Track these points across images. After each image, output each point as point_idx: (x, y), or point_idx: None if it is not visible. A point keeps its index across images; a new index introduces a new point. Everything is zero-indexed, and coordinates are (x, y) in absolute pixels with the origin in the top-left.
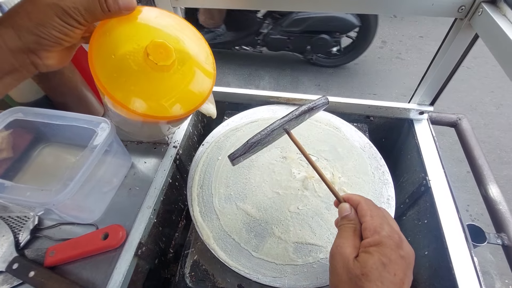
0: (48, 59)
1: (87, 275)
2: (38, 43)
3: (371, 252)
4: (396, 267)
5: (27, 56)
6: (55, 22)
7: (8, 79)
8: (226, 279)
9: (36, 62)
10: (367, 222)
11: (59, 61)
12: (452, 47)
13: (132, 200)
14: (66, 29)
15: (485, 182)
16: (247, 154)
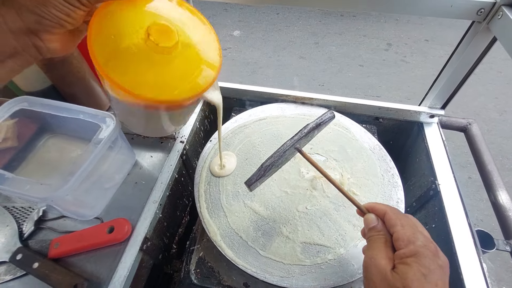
0: (51, 42)
1: (91, 268)
2: (39, 23)
3: (409, 263)
4: (436, 277)
5: (29, 38)
6: (56, 1)
7: (10, 63)
8: (231, 277)
9: (38, 45)
10: (399, 232)
11: (63, 46)
12: (468, 50)
13: (137, 194)
14: (68, 9)
15: (495, 188)
16: (263, 178)
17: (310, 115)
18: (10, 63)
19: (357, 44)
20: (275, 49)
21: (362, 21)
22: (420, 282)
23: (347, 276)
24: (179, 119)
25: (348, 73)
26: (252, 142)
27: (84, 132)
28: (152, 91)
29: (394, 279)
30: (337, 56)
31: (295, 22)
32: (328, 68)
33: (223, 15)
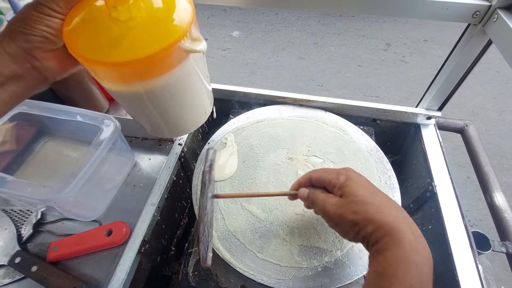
0: (47, 60)
1: (90, 271)
2: (27, 41)
3: (348, 184)
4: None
5: (28, 61)
6: (33, 16)
7: (12, 87)
8: (229, 279)
9: (37, 66)
10: (326, 178)
11: (61, 65)
12: (464, 52)
13: (136, 197)
14: (45, 20)
15: (491, 190)
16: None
17: (308, 117)
18: (12, 86)
19: (356, 45)
20: (274, 50)
21: (361, 22)
22: (362, 187)
23: (343, 278)
24: (182, 98)
25: (347, 73)
26: (250, 144)
27: (82, 135)
28: (122, 54)
29: (346, 201)
30: (336, 57)
31: (294, 23)
32: (327, 68)
33: (222, 16)
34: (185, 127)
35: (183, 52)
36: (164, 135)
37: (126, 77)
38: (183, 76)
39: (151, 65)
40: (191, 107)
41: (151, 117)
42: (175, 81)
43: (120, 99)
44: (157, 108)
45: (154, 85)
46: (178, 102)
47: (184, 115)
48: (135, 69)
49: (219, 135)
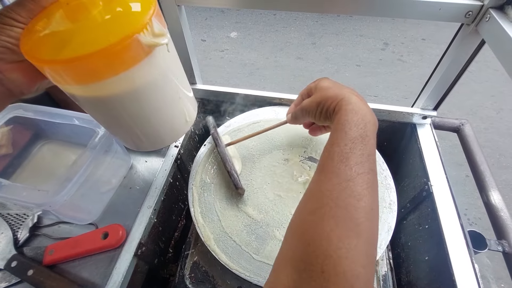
0: (10, 72)
1: (86, 274)
2: None
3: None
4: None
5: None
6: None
7: None
8: (226, 281)
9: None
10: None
11: (27, 77)
12: (457, 52)
13: (132, 199)
14: (6, 30)
15: (487, 189)
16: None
17: None
18: None
19: (354, 44)
20: (272, 50)
21: (358, 21)
22: (327, 81)
23: None
24: (155, 103)
25: (345, 73)
26: (246, 145)
27: (78, 138)
28: (74, 50)
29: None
30: (334, 56)
31: (292, 23)
32: (326, 68)
33: (220, 17)
34: (164, 137)
35: (143, 47)
36: (142, 147)
37: (84, 77)
38: (150, 74)
39: (108, 61)
40: (167, 114)
41: (124, 127)
42: (140, 80)
43: (90, 108)
44: (127, 113)
45: (117, 86)
46: (151, 107)
47: (161, 122)
48: (90, 66)
49: None
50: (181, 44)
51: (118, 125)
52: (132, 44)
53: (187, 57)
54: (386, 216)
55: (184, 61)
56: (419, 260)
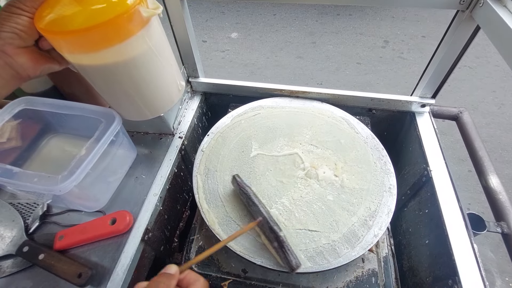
0: (18, 56)
1: (96, 258)
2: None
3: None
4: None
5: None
6: (3, 15)
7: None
8: (230, 264)
9: (9, 62)
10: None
11: (33, 61)
12: (454, 39)
13: (138, 188)
14: (14, 17)
15: (486, 173)
16: (238, 189)
17: (304, 108)
18: None
19: (354, 42)
20: (272, 50)
21: (358, 20)
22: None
23: (341, 259)
24: (154, 66)
25: (345, 71)
26: (248, 135)
27: (86, 130)
28: (89, 20)
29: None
30: (335, 55)
31: (292, 23)
32: (326, 67)
33: (220, 18)
34: (161, 103)
35: (143, 17)
36: (143, 115)
37: (97, 44)
38: (147, 42)
39: (117, 28)
40: (163, 80)
41: (126, 95)
42: (141, 47)
43: (96, 78)
44: (131, 80)
45: (122, 52)
46: (150, 73)
47: (158, 88)
48: (103, 33)
49: (218, 127)
50: (184, 39)
51: (122, 94)
52: (134, 13)
53: (190, 51)
54: (386, 199)
55: (187, 55)
56: (419, 244)
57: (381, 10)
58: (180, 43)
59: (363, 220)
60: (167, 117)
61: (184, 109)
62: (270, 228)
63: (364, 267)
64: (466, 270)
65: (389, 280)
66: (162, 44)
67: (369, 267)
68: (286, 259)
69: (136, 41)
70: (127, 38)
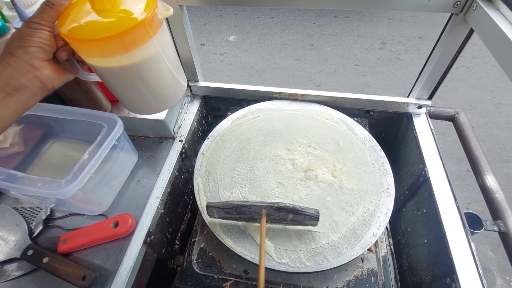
0: (44, 68)
1: (99, 261)
2: (26, 52)
3: None
4: None
5: (28, 71)
6: (27, 32)
7: (18, 95)
8: (232, 265)
9: (37, 75)
10: None
11: (56, 73)
12: (448, 41)
13: (140, 191)
14: (37, 32)
15: (482, 172)
16: (221, 212)
17: (303, 110)
18: (18, 95)
19: (351, 44)
20: (271, 53)
21: (355, 22)
22: None
23: (340, 259)
24: (167, 63)
25: (343, 73)
26: (248, 138)
27: (87, 135)
28: (107, 31)
29: None
30: (333, 57)
31: (290, 25)
32: (324, 69)
33: (218, 21)
34: (172, 96)
35: (159, 19)
36: (154, 109)
37: (126, 46)
38: (163, 41)
39: (143, 30)
40: (174, 75)
41: (141, 92)
42: (159, 45)
43: (117, 79)
44: (150, 76)
45: (144, 52)
46: (165, 68)
47: (171, 82)
48: (132, 36)
49: (218, 130)
50: (184, 44)
51: (134, 91)
52: (154, 16)
53: (190, 56)
54: (384, 199)
55: (186, 60)
56: (418, 244)
57: (378, 12)
58: (180, 48)
59: (362, 220)
60: (168, 121)
61: (184, 113)
62: (278, 209)
63: (363, 266)
64: (464, 268)
65: (388, 279)
66: (171, 44)
67: (368, 267)
68: (307, 215)
69: (155, 40)
70: (149, 39)
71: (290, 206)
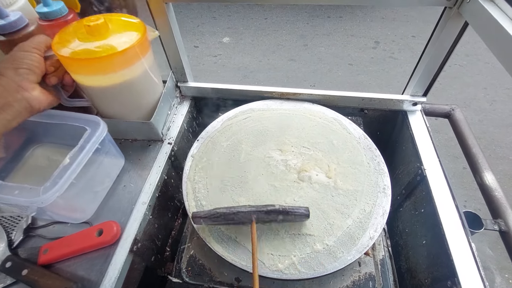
0: (33, 90)
1: (82, 272)
2: (17, 74)
3: None
4: None
5: (17, 91)
6: (19, 54)
7: (3, 114)
8: (223, 273)
9: (26, 96)
10: None
11: (44, 96)
12: (442, 35)
13: (126, 197)
14: (28, 55)
15: (480, 170)
16: (209, 221)
17: (295, 109)
18: (2, 114)
19: (345, 44)
20: (265, 53)
21: (349, 21)
22: None
23: (336, 264)
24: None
25: (338, 72)
26: (239, 139)
27: (71, 138)
28: (104, 51)
29: None
30: (326, 57)
31: (283, 26)
32: (318, 68)
33: (212, 23)
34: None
35: (148, 40)
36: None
37: (120, 64)
38: (151, 58)
39: (139, 49)
40: (157, 83)
41: (123, 104)
42: (148, 62)
43: (108, 95)
44: (137, 91)
45: (139, 68)
46: (143, 88)
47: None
48: (128, 55)
49: (208, 132)
50: (171, 42)
51: (119, 104)
52: (145, 38)
53: (178, 56)
54: (381, 200)
55: (175, 60)
56: (416, 245)
57: (371, 12)
58: (167, 47)
59: (358, 223)
60: (155, 123)
61: (173, 115)
62: (266, 212)
63: (360, 271)
64: (465, 270)
65: (387, 283)
66: (155, 65)
67: (366, 271)
68: (298, 215)
69: (146, 59)
70: (143, 56)
71: (279, 209)
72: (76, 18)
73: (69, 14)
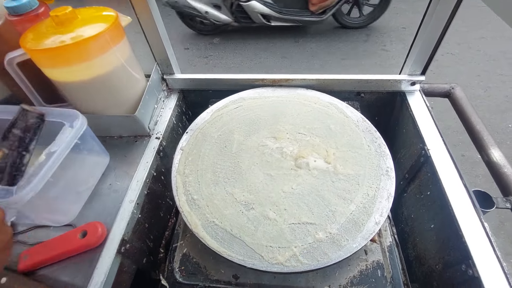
0: None
1: (66, 278)
2: None
3: None
4: None
5: None
6: None
7: None
8: (219, 270)
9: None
10: None
11: None
12: (439, 8)
13: (112, 196)
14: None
15: (486, 147)
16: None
17: (289, 96)
18: None
19: (336, 38)
20: (256, 52)
21: None
22: None
23: (341, 252)
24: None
25: (331, 67)
26: (230, 129)
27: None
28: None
29: None
30: (318, 52)
31: None
32: (311, 65)
33: None
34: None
35: (121, 30)
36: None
37: (95, 51)
38: (128, 48)
39: (113, 34)
40: (136, 73)
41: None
42: (125, 52)
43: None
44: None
45: (101, 64)
46: (121, 82)
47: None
48: (103, 39)
49: (197, 124)
50: (153, 32)
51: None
52: (116, 25)
53: (161, 46)
54: (385, 183)
55: (158, 51)
56: (424, 230)
57: None
58: (149, 36)
59: (362, 208)
60: (141, 117)
61: (160, 108)
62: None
63: (368, 259)
64: (479, 252)
65: (396, 271)
66: (131, 59)
67: (373, 259)
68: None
69: (122, 46)
70: (118, 42)
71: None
72: (48, 11)
73: (40, 7)
